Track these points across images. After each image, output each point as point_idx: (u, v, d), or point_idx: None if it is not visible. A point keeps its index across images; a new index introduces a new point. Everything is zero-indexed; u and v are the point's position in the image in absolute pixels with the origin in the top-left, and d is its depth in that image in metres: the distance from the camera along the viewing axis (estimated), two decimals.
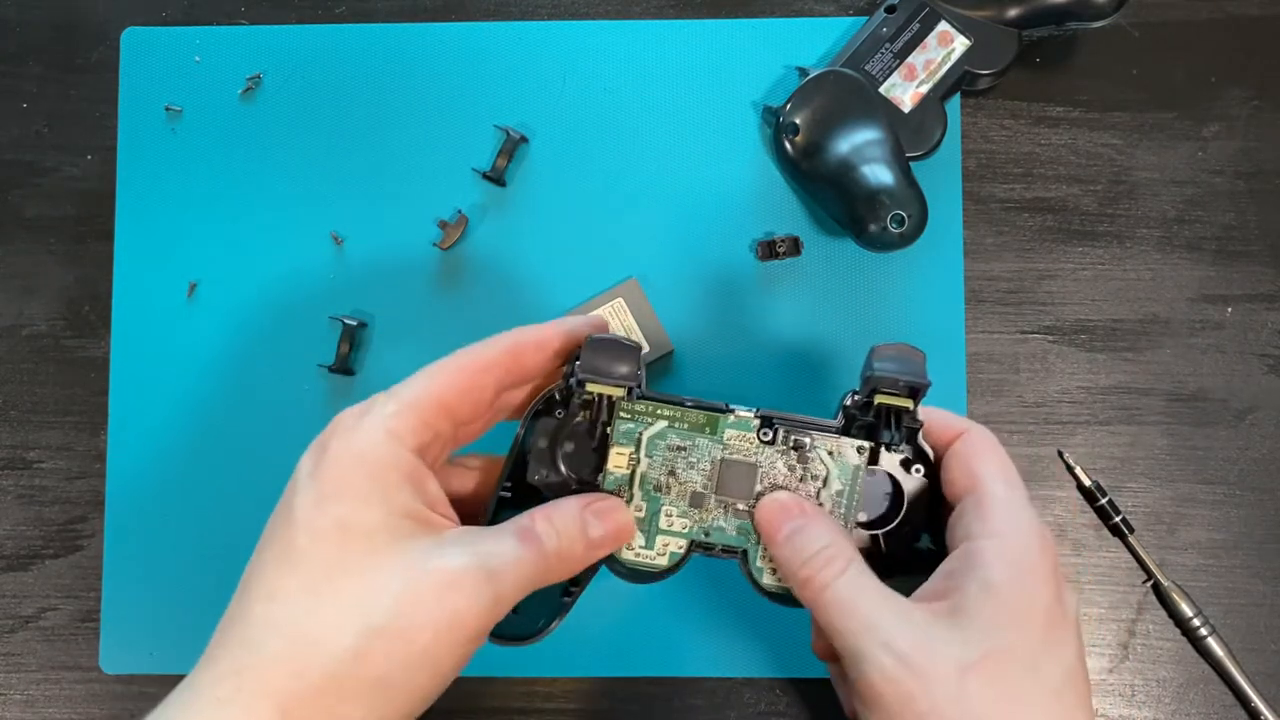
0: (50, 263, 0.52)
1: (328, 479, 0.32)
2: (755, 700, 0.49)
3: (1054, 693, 0.32)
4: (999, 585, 0.33)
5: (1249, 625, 0.49)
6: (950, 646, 0.32)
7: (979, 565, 0.33)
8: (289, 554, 0.31)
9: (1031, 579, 0.33)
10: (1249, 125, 0.51)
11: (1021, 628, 0.32)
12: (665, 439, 0.37)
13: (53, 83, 0.53)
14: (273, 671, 0.30)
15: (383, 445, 0.32)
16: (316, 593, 0.31)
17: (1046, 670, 0.32)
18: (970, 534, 0.35)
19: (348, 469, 0.32)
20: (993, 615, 0.32)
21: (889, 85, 0.49)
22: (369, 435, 0.33)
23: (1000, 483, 0.35)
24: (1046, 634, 0.33)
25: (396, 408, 0.33)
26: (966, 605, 0.33)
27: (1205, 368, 0.50)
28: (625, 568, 0.37)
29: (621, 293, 0.49)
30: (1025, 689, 0.32)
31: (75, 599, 0.50)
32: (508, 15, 0.53)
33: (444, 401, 0.34)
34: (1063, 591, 0.34)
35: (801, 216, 0.51)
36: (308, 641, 0.30)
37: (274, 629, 0.31)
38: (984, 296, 0.51)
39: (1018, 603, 0.33)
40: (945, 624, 0.33)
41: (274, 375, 0.50)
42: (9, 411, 0.51)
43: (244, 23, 0.53)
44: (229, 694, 0.30)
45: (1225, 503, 0.49)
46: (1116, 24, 0.50)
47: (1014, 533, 0.34)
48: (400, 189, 0.51)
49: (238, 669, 0.30)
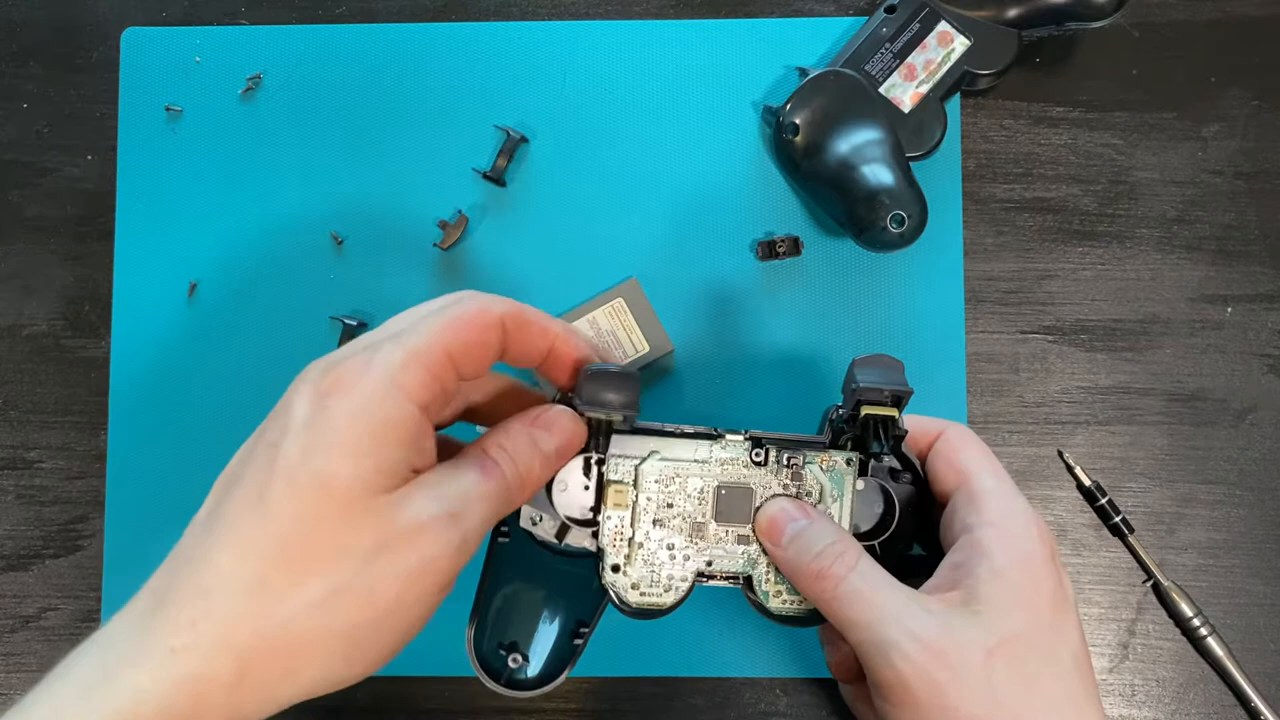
0: (50, 263, 0.52)
1: (323, 432, 0.30)
2: (755, 700, 0.49)
3: (1066, 674, 0.33)
4: (1007, 570, 0.33)
5: (1249, 625, 0.49)
6: (971, 631, 0.32)
7: (984, 554, 0.34)
8: (262, 503, 0.29)
9: (1036, 564, 0.34)
10: (1249, 125, 0.51)
11: (1032, 611, 0.33)
12: (659, 471, 0.37)
13: (53, 83, 0.53)
14: (232, 624, 0.28)
15: (389, 403, 0.30)
16: (285, 546, 0.29)
17: (1058, 652, 0.33)
18: (968, 526, 0.35)
19: (346, 425, 0.30)
20: (1005, 600, 0.33)
21: (889, 85, 0.49)
22: (375, 390, 0.30)
23: (988, 474, 0.36)
24: (1054, 617, 0.33)
25: (404, 359, 0.31)
26: (979, 592, 0.33)
27: (1205, 368, 0.50)
28: (632, 608, 0.37)
29: (621, 293, 0.49)
30: (1041, 671, 0.32)
31: (75, 599, 0.50)
32: (508, 15, 0.53)
33: (451, 354, 0.32)
34: (1063, 576, 0.34)
35: (801, 216, 0.51)
36: (273, 598, 0.29)
37: (237, 581, 0.29)
38: (984, 296, 0.51)
39: (1026, 587, 0.33)
40: (962, 612, 0.33)
41: (274, 375, 0.50)
42: (9, 411, 0.51)
43: (244, 23, 0.53)
44: (185, 644, 0.28)
45: (1225, 503, 0.49)
46: (1116, 24, 0.50)
47: (1011, 520, 0.34)
48: (400, 189, 0.51)
49: (193, 619, 0.29)
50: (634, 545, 0.36)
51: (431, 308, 0.33)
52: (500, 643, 0.36)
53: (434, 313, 0.32)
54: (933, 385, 0.49)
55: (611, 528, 0.36)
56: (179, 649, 0.28)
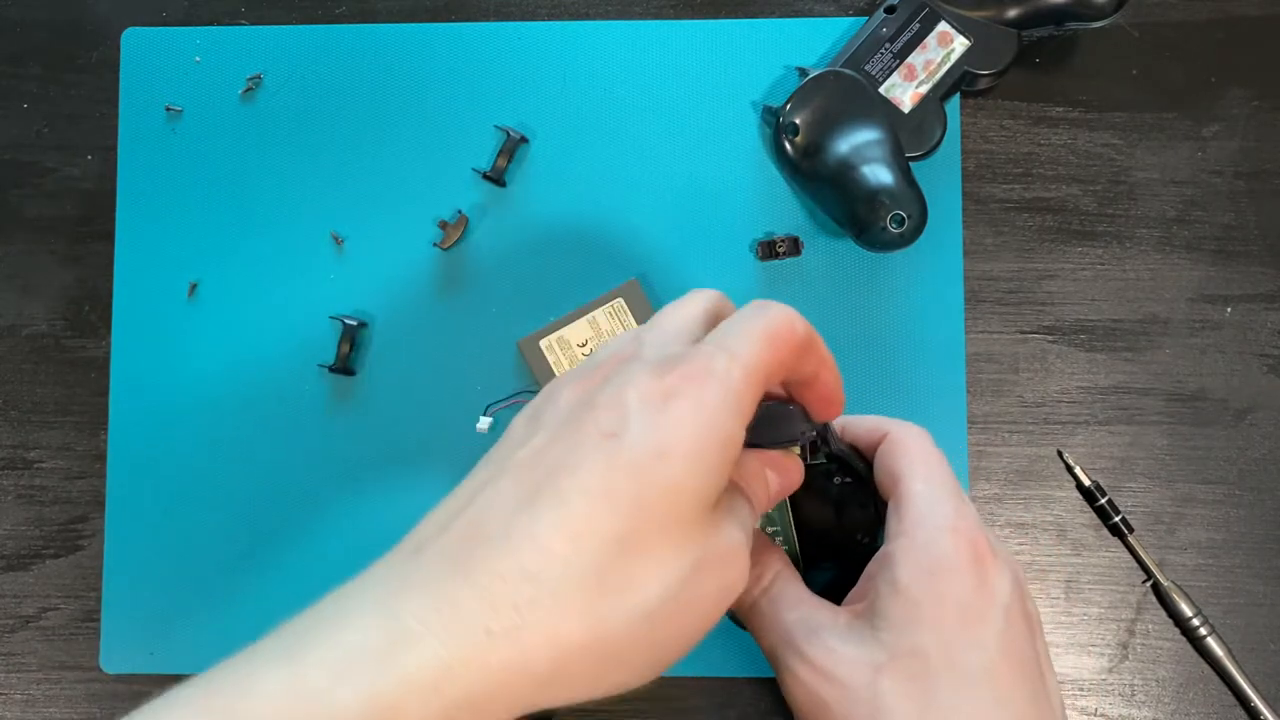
0: (50, 263, 0.52)
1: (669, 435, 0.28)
2: (755, 700, 0.49)
3: (972, 684, 0.32)
4: (906, 585, 0.33)
5: (1249, 625, 0.49)
6: (862, 649, 0.33)
7: (889, 566, 0.34)
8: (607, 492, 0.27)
9: (940, 575, 0.33)
10: (1249, 125, 0.51)
11: (933, 625, 0.33)
12: None
13: (53, 83, 0.53)
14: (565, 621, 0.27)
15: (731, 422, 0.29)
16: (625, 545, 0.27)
17: (962, 664, 0.32)
18: (889, 535, 0.35)
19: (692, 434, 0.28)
20: (902, 615, 0.33)
21: (889, 85, 0.49)
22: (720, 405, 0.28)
23: (918, 480, 0.35)
24: (962, 628, 0.33)
25: (743, 377, 0.29)
26: (879, 607, 0.33)
27: (1205, 368, 0.50)
28: None
29: (621, 293, 0.49)
30: (939, 685, 0.32)
31: (75, 599, 0.50)
32: (508, 15, 0.53)
33: (771, 375, 0.30)
34: (988, 577, 0.33)
35: (801, 216, 0.51)
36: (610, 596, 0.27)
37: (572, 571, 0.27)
38: (984, 296, 0.51)
39: (926, 601, 0.33)
40: (861, 627, 0.33)
41: (274, 375, 0.50)
42: (9, 411, 0.51)
43: (244, 23, 0.53)
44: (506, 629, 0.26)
45: (1225, 503, 0.49)
46: (1116, 24, 0.50)
47: (921, 529, 0.34)
48: (400, 189, 0.51)
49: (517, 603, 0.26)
50: None
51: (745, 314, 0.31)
52: None
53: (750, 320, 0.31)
54: (933, 385, 0.49)
55: None
56: (498, 633, 0.26)
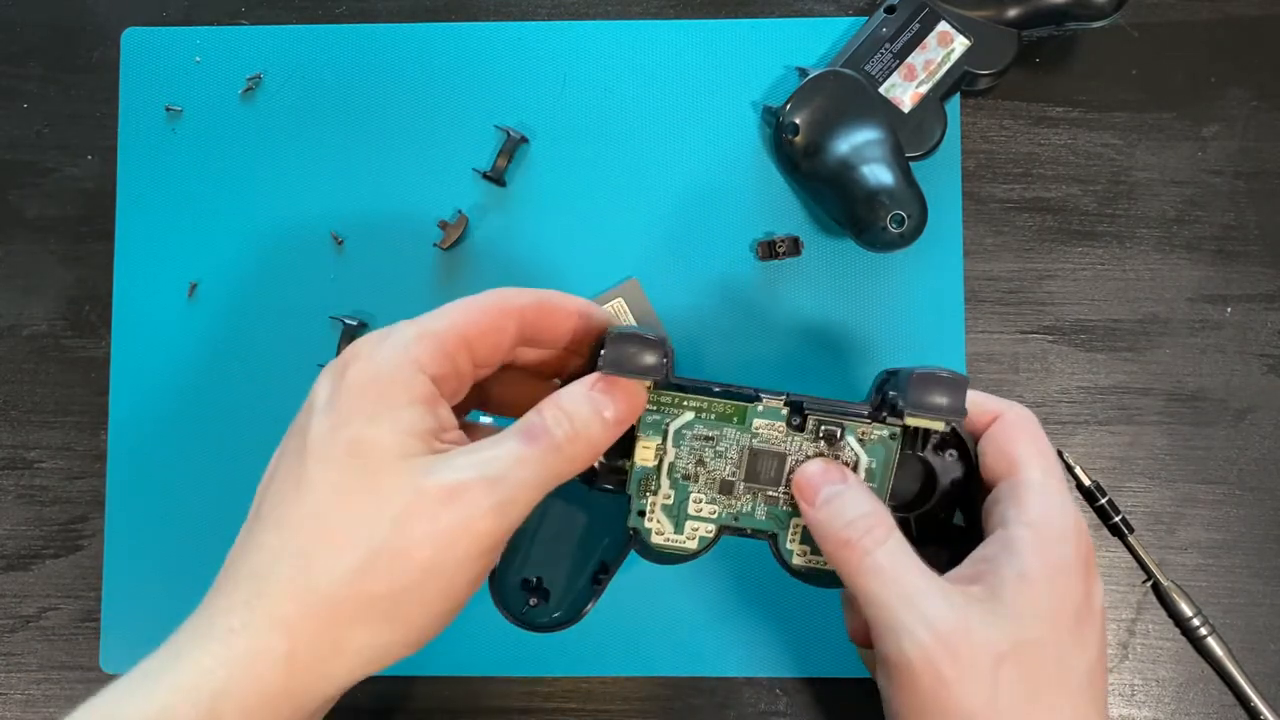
0: (50, 263, 0.52)
1: (342, 404, 0.32)
2: (755, 700, 0.49)
3: (1077, 690, 0.32)
4: (1034, 577, 0.32)
5: (1249, 625, 0.49)
6: (987, 630, 0.31)
7: (1015, 554, 0.33)
8: (300, 483, 0.31)
9: (1066, 573, 0.33)
10: (1249, 125, 0.51)
11: (1053, 622, 0.32)
12: (692, 429, 0.36)
13: (53, 83, 0.53)
14: (280, 600, 0.30)
15: (400, 368, 0.32)
16: (322, 518, 0.31)
17: (1072, 666, 0.32)
18: (1006, 521, 0.34)
19: (361, 391, 0.32)
20: (1027, 606, 0.32)
21: (889, 85, 0.49)
22: (387, 357, 0.32)
23: (1037, 469, 0.35)
24: (1075, 630, 0.32)
25: (418, 333, 0.33)
26: (1002, 593, 0.32)
27: (1205, 368, 0.50)
28: (655, 552, 0.37)
29: (621, 293, 0.49)
30: (1051, 684, 0.32)
31: (75, 599, 0.50)
32: (508, 15, 0.53)
33: (466, 335, 0.34)
34: (1093, 586, 0.34)
35: (801, 216, 0.51)
36: (312, 567, 0.30)
37: (282, 557, 0.31)
38: (984, 296, 0.51)
39: (1051, 596, 0.32)
40: (981, 610, 0.32)
41: (274, 375, 0.50)
42: (9, 411, 0.51)
43: (244, 23, 0.53)
44: (240, 624, 0.30)
45: (1224, 503, 0.49)
46: (1116, 24, 0.50)
47: (1050, 524, 0.33)
48: (400, 189, 0.51)
49: (247, 599, 0.30)
50: (660, 496, 0.36)
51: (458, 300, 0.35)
52: (524, 579, 0.37)
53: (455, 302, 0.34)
54: None
55: (638, 477, 0.36)
56: (236, 628, 0.30)
